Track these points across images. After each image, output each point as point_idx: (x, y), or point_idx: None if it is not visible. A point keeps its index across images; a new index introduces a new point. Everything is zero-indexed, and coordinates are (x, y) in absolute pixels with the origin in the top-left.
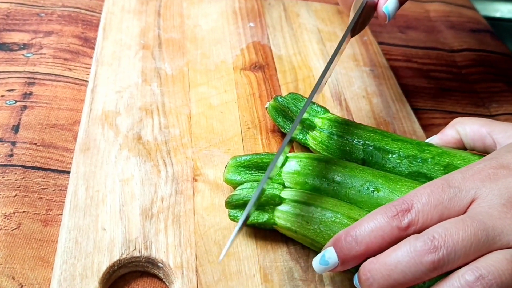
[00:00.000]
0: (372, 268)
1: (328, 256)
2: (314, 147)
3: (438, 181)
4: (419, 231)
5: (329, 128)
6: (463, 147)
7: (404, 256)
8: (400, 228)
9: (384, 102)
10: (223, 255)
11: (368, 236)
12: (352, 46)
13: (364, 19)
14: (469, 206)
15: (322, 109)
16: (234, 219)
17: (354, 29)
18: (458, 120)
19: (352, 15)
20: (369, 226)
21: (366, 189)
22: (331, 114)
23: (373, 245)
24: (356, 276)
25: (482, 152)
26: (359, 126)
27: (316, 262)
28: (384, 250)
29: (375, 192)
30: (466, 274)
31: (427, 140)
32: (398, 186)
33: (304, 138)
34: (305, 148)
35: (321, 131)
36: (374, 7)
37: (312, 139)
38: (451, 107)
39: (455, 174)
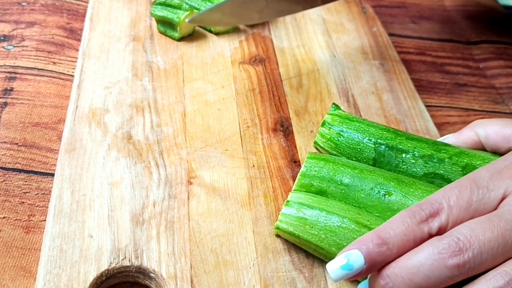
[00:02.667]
0: (392, 272)
1: (353, 259)
2: (322, 145)
3: (464, 181)
4: None
5: (339, 125)
6: (481, 149)
7: (426, 259)
8: (431, 233)
9: (395, 98)
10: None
11: (400, 239)
12: (360, 37)
13: None
14: (498, 204)
15: (334, 106)
16: (153, 13)
17: None
18: (478, 122)
19: None
20: (400, 229)
21: (376, 193)
22: (342, 111)
23: (404, 249)
24: (364, 284)
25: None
26: (371, 124)
27: (334, 267)
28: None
29: (387, 196)
30: (494, 279)
31: (440, 138)
32: (411, 189)
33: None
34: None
35: (330, 128)
36: None
37: (321, 136)
38: (467, 104)
39: (482, 172)
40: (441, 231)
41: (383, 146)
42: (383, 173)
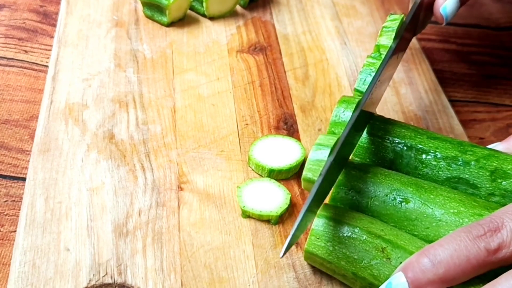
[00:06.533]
0: None
1: (396, 283)
2: None
3: None
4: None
5: None
6: None
7: None
8: (488, 250)
9: (414, 92)
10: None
11: (449, 256)
12: (375, 22)
13: (423, 20)
14: None
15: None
16: None
17: (412, 30)
18: None
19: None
20: (451, 245)
21: (392, 199)
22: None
23: (455, 269)
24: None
25: None
26: (388, 121)
27: None
28: (467, 276)
29: (403, 203)
30: None
31: (490, 146)
32: (432, 196)
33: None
34: None
35: None
36: (430, 7)
37: None
38: (497, 99)
39: None
40: (501, 249)
41: (401, 146)
42: (400, 177)
